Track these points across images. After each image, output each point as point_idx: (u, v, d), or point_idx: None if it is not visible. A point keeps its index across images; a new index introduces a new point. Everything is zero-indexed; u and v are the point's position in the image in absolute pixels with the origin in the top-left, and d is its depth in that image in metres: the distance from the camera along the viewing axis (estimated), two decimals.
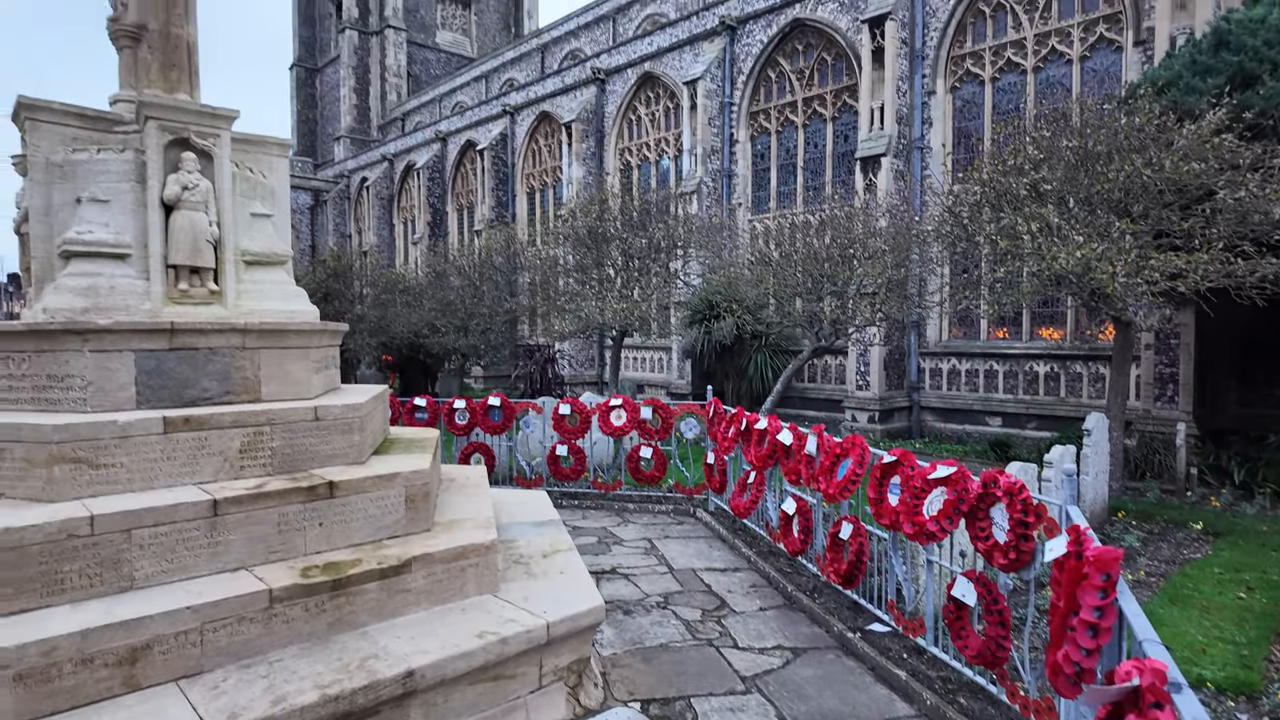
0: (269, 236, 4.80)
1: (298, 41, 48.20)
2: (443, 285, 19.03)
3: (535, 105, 26.74)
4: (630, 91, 23.18)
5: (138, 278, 4.25)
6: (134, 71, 4.70)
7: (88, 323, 3.83)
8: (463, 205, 30.70)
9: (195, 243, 4.33)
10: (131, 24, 4.64)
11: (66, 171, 4.26)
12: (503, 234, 21.84)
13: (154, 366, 3.99)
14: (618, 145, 23.89)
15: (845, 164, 17.74)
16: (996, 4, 15.07)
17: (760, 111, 19.62)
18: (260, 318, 4.45)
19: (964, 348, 15.34)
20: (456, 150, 30.44)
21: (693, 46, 21.19)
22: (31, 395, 3.90)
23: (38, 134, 4.25)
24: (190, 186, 4.31)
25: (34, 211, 4.26)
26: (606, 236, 15.44)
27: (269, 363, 4.38)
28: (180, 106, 4.37)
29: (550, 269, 16.56)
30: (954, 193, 10.94)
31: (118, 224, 4.23)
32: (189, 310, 4.31)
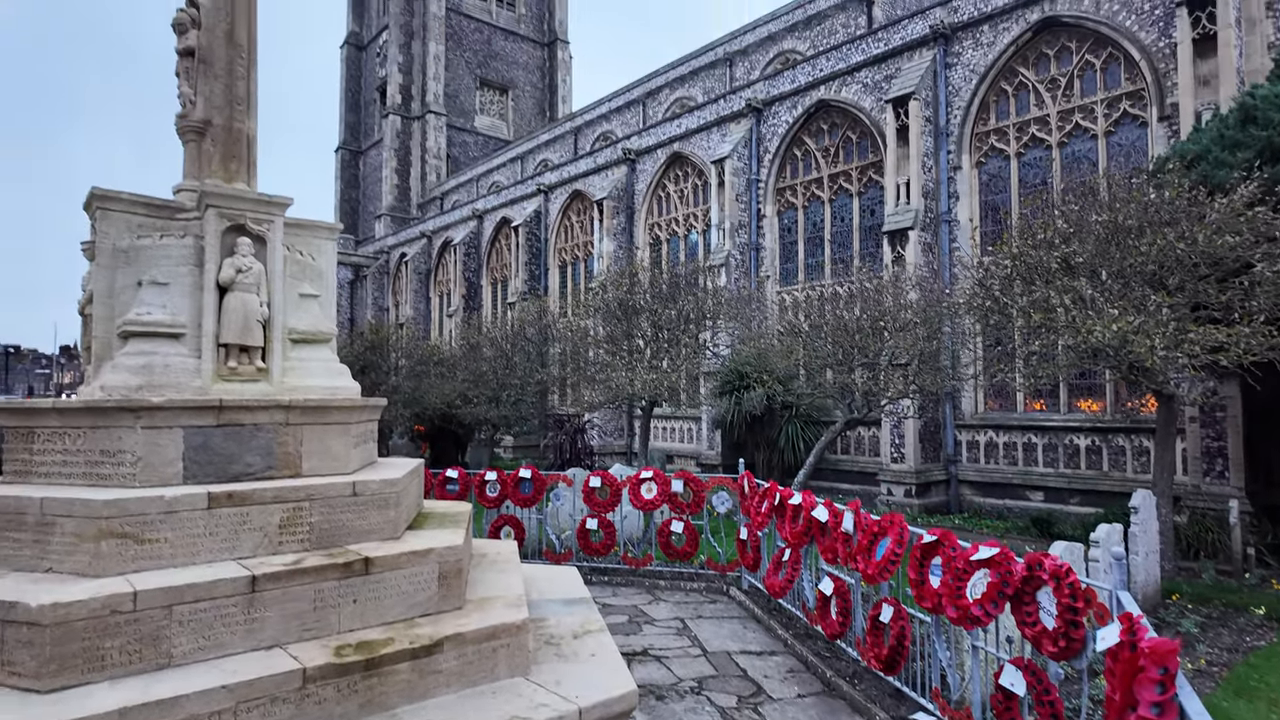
0: (315, 316, 4.99)
1: (344, 126, 50.82)
2: (476, 357, 19.36)
3: (568, 184, 27.65)
4: (660, 170, 23.90)
5: (190, 356, 4.42)
6: (197, 163, 5.01)
7: (141, 400, 3.97)
8: (497, 279, 31.47)
9: (246, 322, 4.51)
10: (198, 120, 4.98)
11: (131, 256, 4.50)
12: (535, 306, 22.28)
13: (201, 442, 4.11)
14: (647, 220, 24.48)
15: (872, 237, 17.94)
16: (1018, 83, 15.42)
17: (787, 188, 20.04)
18: (304, 394, 4.58)
19: (1001, 420, 15.06)
20: (492, 227, 31.42)
21: (720, 127, 21.89)
22: (84, 470, 4.02)
23: (107, 221, 4.52)
24: (244, 269, 4.52)
25: (98, 294, 4.49)
26: (636, 308, 15.67)
27: (310, 438, 4.48)
28: (239, 195, 4.63)
29: (581, 340, 16.79)
30: (984, 265, 10.97)
31: (175, 305, 4.44)
32: (236, 387, 4.45)
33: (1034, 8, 14.93)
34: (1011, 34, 15.28)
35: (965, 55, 16.13)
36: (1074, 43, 14.57)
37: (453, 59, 45.78)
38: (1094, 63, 14.33)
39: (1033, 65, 15.23)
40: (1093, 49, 14.30)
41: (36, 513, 3.70)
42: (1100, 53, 14.21)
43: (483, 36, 47.32)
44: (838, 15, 25.73)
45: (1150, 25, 13.37)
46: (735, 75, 28.55)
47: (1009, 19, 15.35)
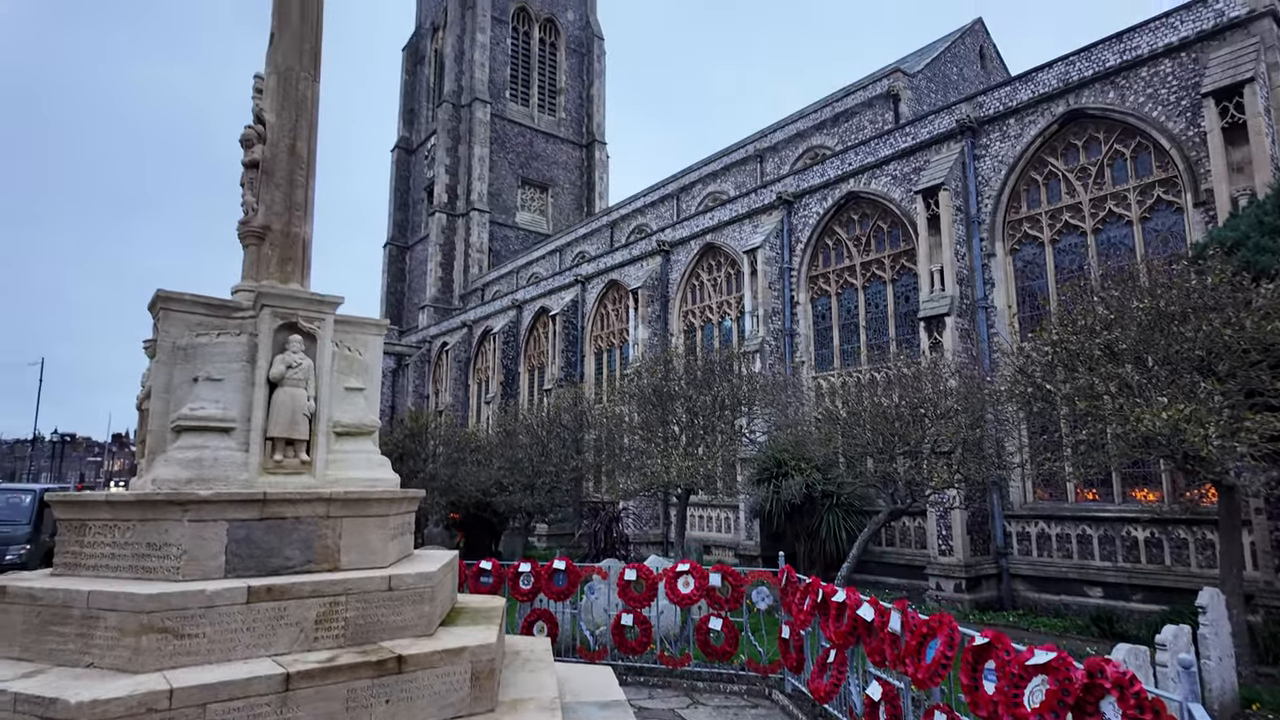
0: (360, 409, 5.12)
1: (392, 223, 53.32)
2: (512, 444, 19.46)
3: (605, 274, 28.36)
4: (693, 260, 24.43)
5: (238, 450, 4.55)
6: (256, 265, 5.30)
7: (190, 494, 4.08)
8: (534, 366, 31.95)
9: (293, 417, 4.66)
10: (259, 226, 5.31)
11: (189, 353, 4.73)
12: (570, 392, 22.47)
13: (244, 535, 4.17)
14: (681, 308, 24.84)
15: (908, 323, 17.90)
16: (1048, 172, 15.62)
17: (820, 275, 20.27)
18: (345, 487, 4.66)
19: (1052, 510, 14.49)
20: (531, 316, 32.17)
21: (752, 219, 22.43)
22: (131, 563, 4.10)
23: (169, 321, 4.77)
24: (294, 365, 4.70)
25: (156, 389, 4.70)
26: (671, 394, 15.71)
27: (350, 531, 4.52)
28: (293, 294, 4.87)
29: (616, 426, 16.81)
30: (1024, 352, 10.83)
31: (227, 400, 4.61)
32: (280, 480, 4.55)
33: (1059, 101, 15.28)
34: (1038, 126, 15.60)
35: (993, 147, 16.47)
36: (1101, 133, 14.80)
37: (496, 160, 48.17)
38: (1123, 152, 14.49)
39: (1061, 155, 15.45)
40: (1121, 139, 14.49)
41: (83, 606, 3.77)
42: (1129, 142, 14.39)
43: (525, 139, 49.86)
44: (865, 112, 26.62)
45: (1178, 115, 13.55)
46: (766, 170, 29.45)
47: (1035, 112, 15.71)
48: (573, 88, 52.65)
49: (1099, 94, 14.72)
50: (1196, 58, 13.38)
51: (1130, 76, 14.31)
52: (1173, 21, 13.86)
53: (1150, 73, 14.04)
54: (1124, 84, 14.38)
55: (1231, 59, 12.66)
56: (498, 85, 48.80)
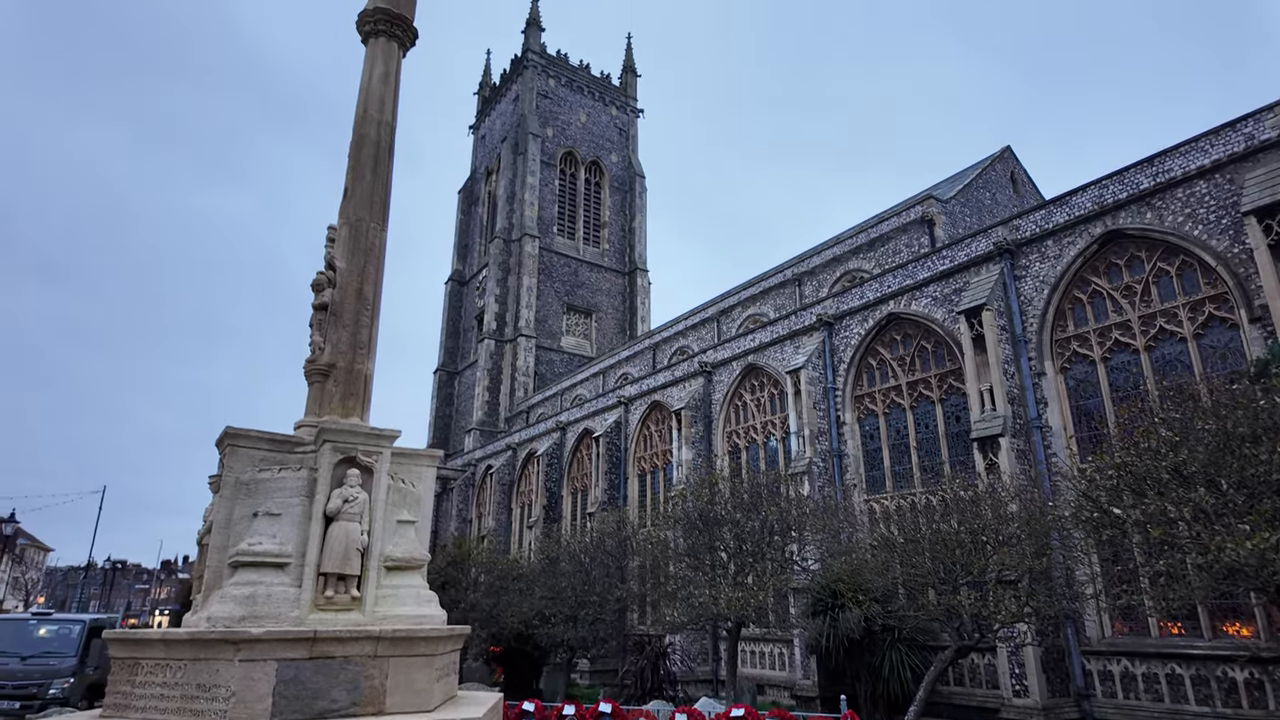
0: (411, 542, 5.15)
1: (443, 350, 55.24)
2: (554, 572, 19.04)
3: (647, 395, 28.59)
4: (735, 381, 24.55)
5: (292, 585, 4.58)
6: (319, 401, 5.54)
7: (242, 632, 4.09)
8: (577, 489, 31.74)
9: (347, 552, 4.70)
10: (324, 363, 5.59)
11: (251, 489, 4.87)
12: (614, 516, 22.13)
13: (292, 676, 4.12)
14: (725, 429, 24.71)
15: (960, 444, 17.46)
16: (1092, 290, 15.59)
17: (865, 395, 20.11)
18: (393, 624, 4.61)
19: (1133, 646, 13.38)
20: (575, 438, 32.32)
21: (793, 340, 22.65)
22: (179, 705, 4.06)
23: (235, 457, 4.96)
24: (351, 499, 4.80)
25: (217, 524, 4.82)
26: (718, 519, 15.34)
27: (396, 672, 4.43)
28: (353, 429, 5.05)
29: (661, 553, 16.37)
30: (1086, 474, 10.41)
31: (284, 535, 4.70)
32: (330, 617, 4.54)
33: (1096, 222, 15.48)
34: (1077, 247, 15.74)
35: (1033, 268, 16.59)
36: (1143, 252, 14.83)
37: (543, 289, 50.24)
38: (1168, 269, 14.44)
39: (1104, 274, 15.46)
40: (1164, 257, 14.49)
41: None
42: (1172, 260, 14.37)
43: (570, 269, 52.12)
44: (900, 237, 27.26)
45: (1220, 233, 13.57)
46: (804, 293, 30.01)
47: (1072, 234, 15.90)
48: (615, 221, 55.37)
49: (1136, 215, 14.89)
50: (1231, 178, 13.54)
51: (1166, 198, 14.49)
52: (1202, 145, 14.16)
53: (1186, 193, 14.21)
54: (1160, 205, 14.55)
55: (1268, 179, 12.78)
56: (546, 221, 51.65)
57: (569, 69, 56.67)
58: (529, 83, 54.13)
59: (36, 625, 14.75)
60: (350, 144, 6.30)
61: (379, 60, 6.58)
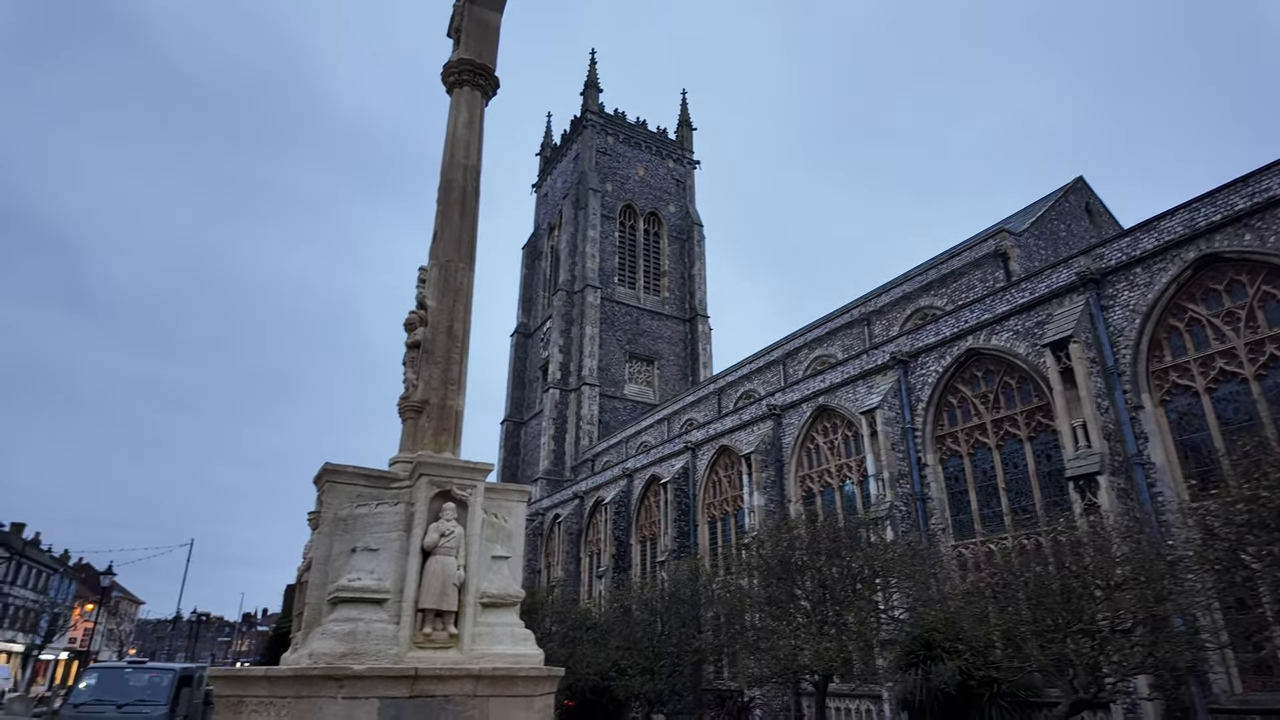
0: (505, 578, 5.05)
1: (509, 401, 56.06)
2: (628, 621, 18.62)
3: (714, 440, 28.19)
4: (806, 423, 23.98)
5: (390, 622, 4.52)
6: (412, 437, 5.57)
7: (344, 668, 4.03)
8: (646, 537, 31.29)
9: (444, 587, 4.63)
10: (417, 400, 5.64)
11: (349, 524, 4.88)
12: (688, 564, 21.63)
13: (394, 715, 4.02)
14: (798, 473, 24.07)
15: (1053, 483, 16.51)
16: (1189, 318, 14.72)
17: (947, 435, 19.33)
18: (492, 663, 4.49)
19: (1269, 703, 12.13)
20: (641, 484, 32.02)
21: (865, 380, 22.06)
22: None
23: (333, 493, 5.00)
24: (447, 534, 4.75)
25: (316, 560, 4.83)
26: (799, 565, 14.77)
27: (496, 713, 4.28)
28: (447, 463, 5.03)
29: (739, 602, 15.82)
30: (1208, 511, 9.62)
31: (382, 570, 4.67)
32: (429, 655, 4.44)
33: (1189, 247, 14.70)
34: (1169, 273, 14.95)
35: (1121, 296, 15.81)
36: (1244, 276, 13.98)
37: (605, 338, 50.75)
38: (1274, 293, 13.54)
39: (1201, 300, 14.60)
40: (1269, 280, 13.61)
41: None
42: (1278, 283, 13.47)
43: (631, 318, 52.61)
44: (973, 272, 26.51)
45: None
46: (874, 332, 29.35)
47: (1163, 259, 15.13)
48: (675, 269, 55.82)
49: (1233, 238, 14.09)
50: None
51: (1266, 218, 13.68)
52: None
53: None
54: (1260, 226, 13.74)
55: None
56: (607, 272, 52.48)
57: (626, 126, 58.18)
58: (588, 141, 55.74)
59: (132, 674, 15.15)
60: (438, 189, 6.49)
61: (463, 108, 6.82)
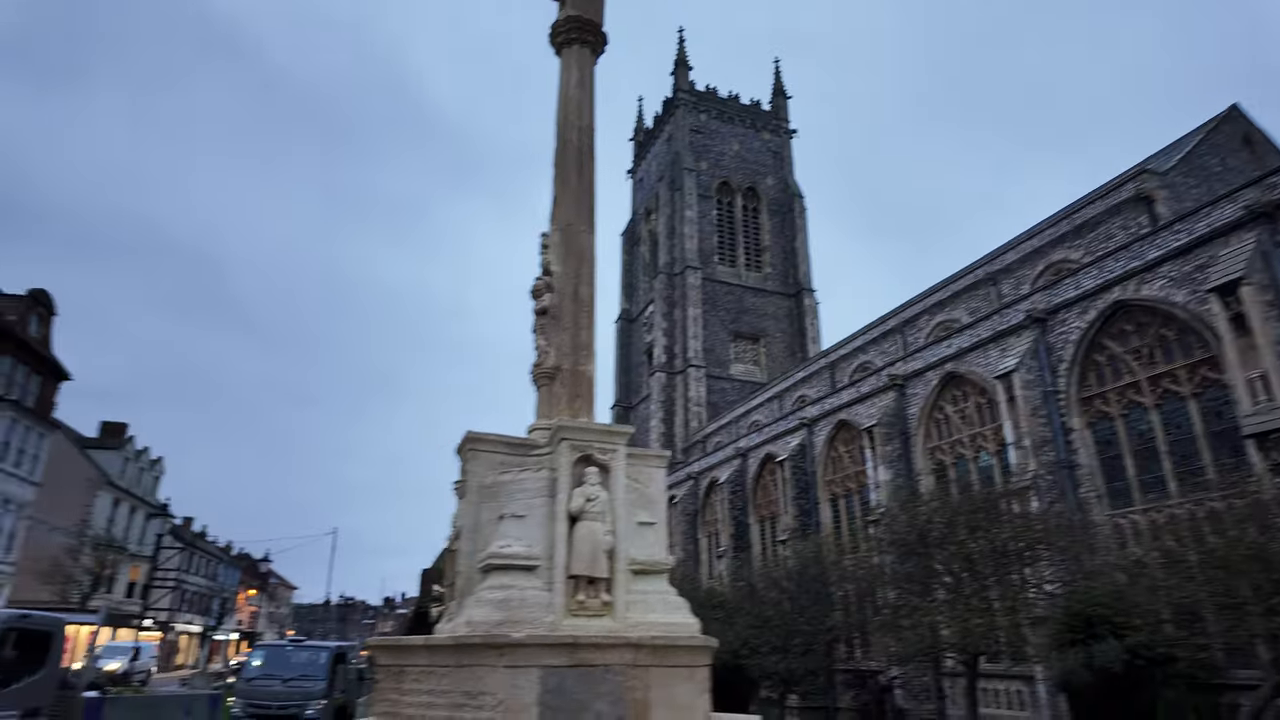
0: (652, 544, 4.82)
1: (617, 386, 56.58)
2: (756, 599, 18.23)
3: (832, 415, 27.23)
4: (933, 392, 22.69)
5: (542, 589, 4.38)
6: (547, 404, 5.43)
7: (504, 636, 3.90)
8: (764, 516, 30.74)
9: (594, 553, 4.44)
10: (550, 367, 5.49)
11: (494, 492, 4.78)
12: (813, 542, 21.00)
13: (556, 685, 3.86)
14: (925, 445, 22.84)
15: (1226, 443, 14.78)
16: None
17: (1095, 396, 17.73)
18: (648, 631, 4.26)
19: None
20: (756, 463, 31.45)
21: (998, 343, 20.59)
22: (447, 714, 3.92)
23: (476, 461, 4.91)
24: (592, 498, 4.56)
25: (465, 529, 4.76)
26: (938, 539, 13.91)
27: (658, 684, 4.05)
28: (587, 427, 4.85)
29: (875, 579, 15.11)
30: None
31: (530, 537, 4.53)
32: (583, 623, 4.27)
33: None
34: None
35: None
36: None
37: (709, 319, 50.18)
38: None
39: None
40: None
41: None
42: None
43: (734, 297, 51.75)
44: (1112, 220, 24.19)
45: None
46: (1002, 292, 27.39)
47: None
48: (776, 244, 54.43)
49: None
50: None
51: None
52: None
53: None
54: None
55: None
56: (706, 252, 51.80)
57: (719, 102, 57.08)
58: (681, 121, 55.09)
59: (293, 651, 16.20)
60: (555, 153, 6.32)
61: (573, 67, 6.61)
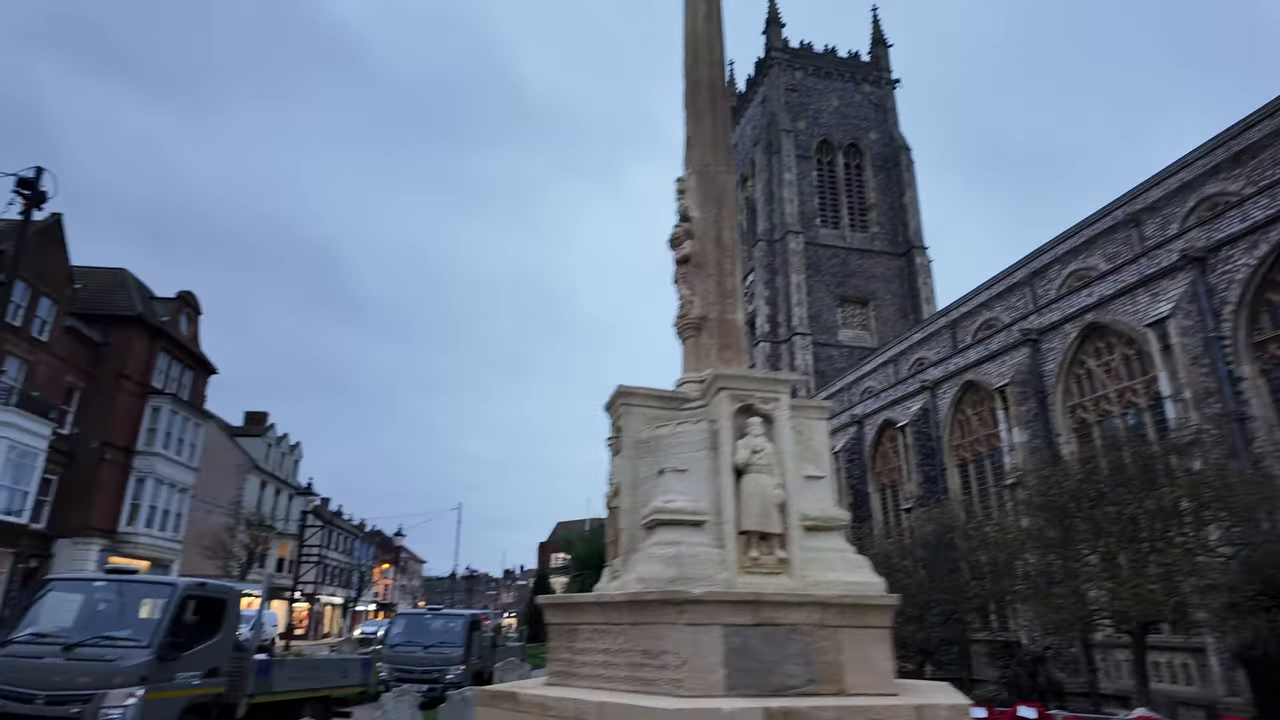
0: (824, 499, 4.47)
1: None
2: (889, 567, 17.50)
3: (956, 376, 25.78)
4: (1072, 346, 21.00)
5: (712, 545, 4.12)
6: (695, 356, 5.14)
7: (683, 593, 3.66)
8: (884, 485, 29.67)
9: (764, 507, 4.14)
10: (695, 317, 5.20)
11: (650, 446, 4.55)
12: (944, 510, 19.97)
13: (740, 645, 3.60)
14: (1065, 403, 21.21)
15: None
16: None
17: (1269, 340, 15.83)
18: (830, 589, 3.92)
19: None
20: (874, 431, 30.33)
21: (1147, 287, 18.73)
22: (626, 673, 3.75)
23: (629, 417, 4.70)
24: (758, 450, 4.24)
25: (623, 486, 4.56)
26: (1092, 501, 12.79)
27: (850, 645, 3.72)
28: (746, 375, 4.53)
29: (1023, 543, 14.11)
30: None
31: (694, 492, 4.27)
32: (759, 580, 3.98)
33: None
34: None
35: None
36: None
37: (813, 284, 48.61)
38: None
39: None
40: None
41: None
42: None
43: (839, 259, 49.85)
44: (1277, 143, 21.47)
45: None
46: (1145, 233, 24.95)
47: None
48: (882, 201, 51.99)
49: None
50: None
51: None
52: None
53: None
54: None
55: None
56: (807, 215, 50.11)
57: (814, 57, 54.81)
58: (775, 80, 53.32)
59: (432, 619, 16.92)
60: (684, 92, 5.98)
61: (700, 1, 6.22)
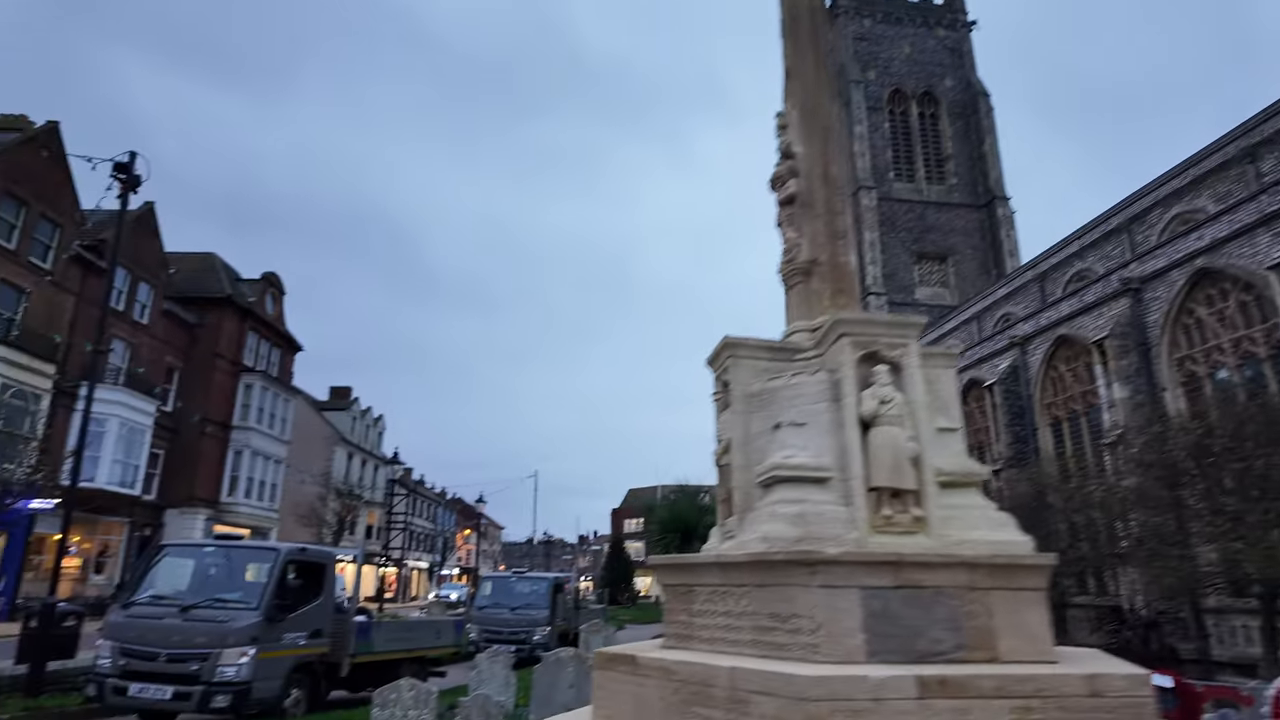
0: (958, 453, 4.08)
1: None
2: None
3: (1048, 331, 24.42)
4: (1180, 294, 19.51)
5: (839, 504, 3.81)
6: (804, 303, 4.78)
7: (815, 553, 3.38)
8: (971, 445, 28.54)
9: (896, 461, 3.79)
10: (804, 261, 4.82)
11: (763, 399, 4.25)
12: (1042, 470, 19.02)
13: (880, 608, 3.30)
14: (1171, 355, 19.80)
15: None
16: None
17: None
18: (977, 549, 3.57)
19: None
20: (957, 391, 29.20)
21: (1268, 227, 17.15)
22: (752, 637, 3.51)
23: (738, 369, 4.40)
24: (887, 400, 3.88)
25: (735, 442, 4.29)
26: (1214, 458, 11.87)
27: (1003, 609, 3.37)
28: (872, 319, 4.17)
29: (1130, 504, 13.27)
30: None
31: (815, 446, 3.96)
32: (896, 540, 3.66)
33: None
34: None
35: None
36: None
37: (887, 241, 46.86)
38: None
39: None
40: None
41: (725, 686, 3.20)
42: None
43: (914, 214, 47.83)
44: None
45: None
46: (1261, 170, 22.86)
47: None
48: (960, 151, 49.50)
49: None
50: None
51: None
52: None
53: None
54: None
55: None
56: (880, 168, 48.18)
57: (884, 3, 52.24)
58: (842, 29, 51.10)
59: (517, 582, 17.20)
60: (782, 22, 5.52)
61: None
